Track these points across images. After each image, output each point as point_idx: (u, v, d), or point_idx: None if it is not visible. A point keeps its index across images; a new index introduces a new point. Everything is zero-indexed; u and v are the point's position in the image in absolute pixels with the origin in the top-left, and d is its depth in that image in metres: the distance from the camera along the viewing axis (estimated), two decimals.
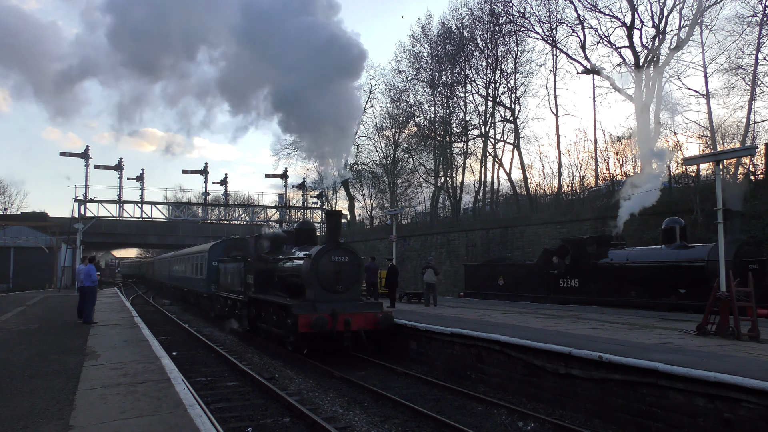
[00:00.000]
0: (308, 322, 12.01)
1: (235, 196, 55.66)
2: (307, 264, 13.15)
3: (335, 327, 12.25)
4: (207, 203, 42.42)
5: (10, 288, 45.17)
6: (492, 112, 38.61)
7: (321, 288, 13.01)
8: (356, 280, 13.70)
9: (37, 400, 6.78)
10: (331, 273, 13.06)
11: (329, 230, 13.82)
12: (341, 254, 13.31)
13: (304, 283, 13.43)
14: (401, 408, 8.91)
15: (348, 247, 13.84)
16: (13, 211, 63.38)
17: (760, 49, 25.61)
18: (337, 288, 13.13)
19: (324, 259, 13.08)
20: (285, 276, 15.08)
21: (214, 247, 23.96)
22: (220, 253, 22.71)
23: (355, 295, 13.69)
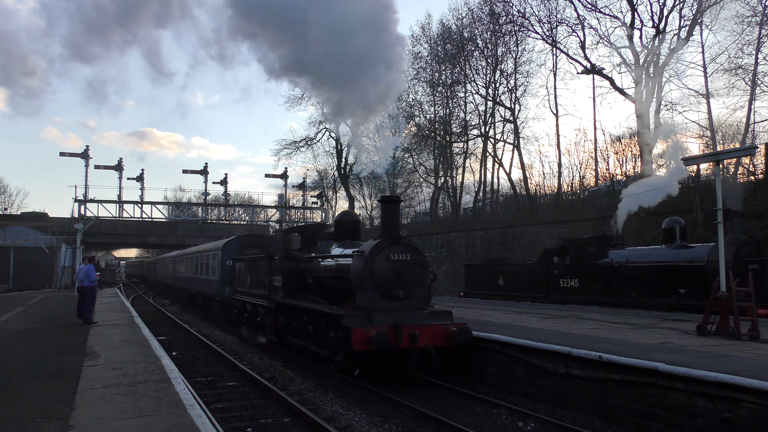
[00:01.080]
0: (365, 338, 9.46)
1: (235, 196, 55.73)
2: (359, 263, 10.59)
3: (398, 343, 9.70)
4: (207, 203, 42.42)
5: (10, 288, 45.15)
6: (492, 112, 38.64)
7: (377, 293, 10.44)
8: (419, 282, 10.90)
9: (37, 400, 6.78)
10: (390, 275, 10.47)
11: (385, 221, 11.16)
12: (401, 251, 10.67)
13: (354, 288, 10.84)
14: (401, 408, 8.91)
15: (409, 242, 11.12)
16: (13, 211, 63.44)
17: (760, 49, 25.63)
18: (396, 293, 10.53)
19: (380, 258, 10.47)
20: (323, 278, 12.59)
21: (228, 244, 21.34)
22: (235, 251, 20.44)
23: (418, 302, 10.91)
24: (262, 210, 46.46)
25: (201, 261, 25.10)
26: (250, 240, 21.53)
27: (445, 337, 10.18)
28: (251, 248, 19.95)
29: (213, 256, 22.50)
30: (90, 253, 43.10)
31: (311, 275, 13.01)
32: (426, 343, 10.11)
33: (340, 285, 11.73)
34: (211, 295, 22.78)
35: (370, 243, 10.77)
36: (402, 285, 10.59)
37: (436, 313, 10.78)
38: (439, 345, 10.28)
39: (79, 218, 36.02)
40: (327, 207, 48.11)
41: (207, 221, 44.70)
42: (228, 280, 19.66)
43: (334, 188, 51.42)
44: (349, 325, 9.70)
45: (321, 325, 11.15)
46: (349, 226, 13.14)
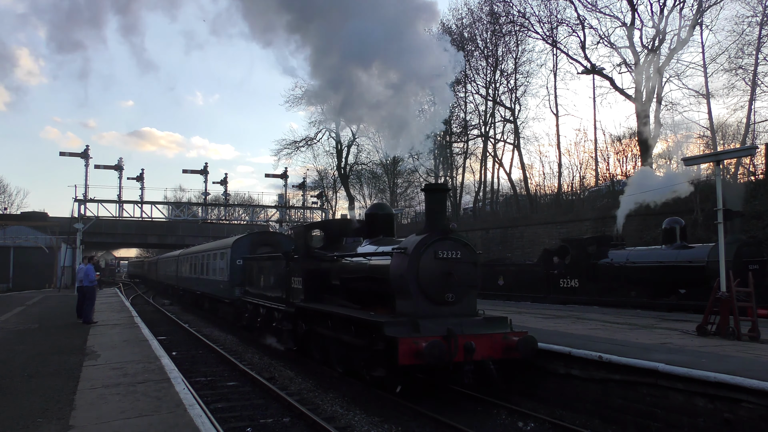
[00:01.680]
0: (414, 350, 8.04)
1: (235, 196, 55.74)
2: (401, 263, 9.11)
3: (452, 356, 8.25)
4: (207, 203, 42.44)
5: (10, 288, 45.16)
6: (492, 112, 38.66)
7: (423, 297, 8.95)
8: (472, 284, 9.48)
9: (37, 400, 6.78)
10: (438, 275, 8.97)
11: (431, 213, 9.61)
12: (451, 247, 9.16)
13: (394, 291, 9.35)
14: (401, 408, 8.90)
15: (460, 236, 9.49)
16: (13, 210, 63.47)
17: (760, 49, 25.63)
18: (445, 297, 9.02)
19: (427, 256, 8.97)
20: (352, 279, 11.13)
21: (238, 242, 19.76)
22: (245, 250, 18.90)
23: (471, 308, 9.47)
24: (262, 210, 46.51)
25: (208, 260, 23.57)
26: (261, 237, 20.00)
27: (505, 348, 8.72)
28: (263, 246, 18.55)
29: (221, 255, 20.93)
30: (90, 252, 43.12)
31: (337, 276, 11.57)
32: (483, 356, 8.61)
33: (374, 287, 10.35)
34: (219, 297, 21.26)
35: (413, 239, 9.27)
36: (452, 287, 9.08)
37: (489, 319, 9.32)
38: (497, 358, 8.81)
39: (79, 218, 36.04)
40: (327, 207, 48.13)
41: (207, 221, 44.70)
42: (238, 281, 18.37)
43: (334, 188, 51.46)
44: (394, 335, 8.19)
45: (352, 334, 9.71)
46: (383, 221, 11.49)
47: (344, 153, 47.27)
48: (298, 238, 13.12)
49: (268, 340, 14.64)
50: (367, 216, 11.75)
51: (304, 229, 12.97)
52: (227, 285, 19.57)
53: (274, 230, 17.44)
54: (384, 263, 9.68)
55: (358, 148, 48.44)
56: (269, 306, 14.40)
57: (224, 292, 20.07)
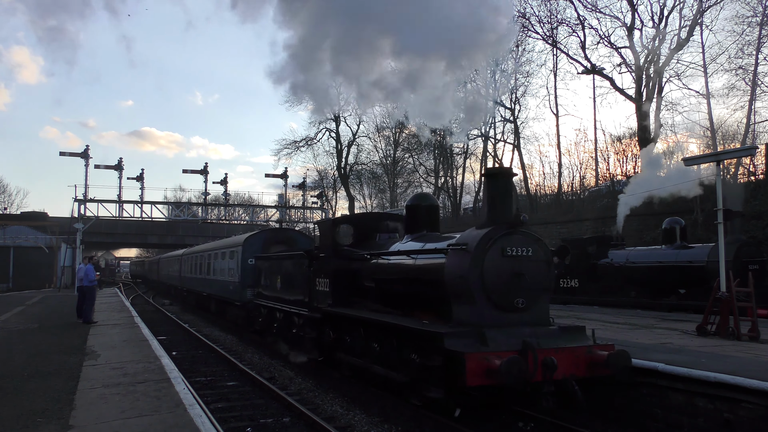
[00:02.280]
0: (485, 368, 6.66)
1: (235, 196, 55.80)
2: (461, 261, 7.70)
3: (532, 375, 6.85)
4: (207, 203, 42.46)
5: (10, 288, 45.16)
6: (492, 112, 38.64)
7: (488, 303, 7.54)
8: (545, 287, 8.06)
9: (37, 400, 6.78)
10: (506, 276, 7.58)
11: (494, 202, 8.09)
12: (521, 243, 7.75)
13: (451, 295, 7.91)
14: (401, 408, 8.90)
15: (530, 231, 8.08)
16: (12, 210, 63.47)
17: (760, 50, 25.65)
18: (515, 303, 7.60)
19: (493, 253, 7.56)
20: (391, 281, 9.71)
21: (250, 240, 18.25)
22: (258, 248, 17.51)
23: (543, 315, 8.05)
24: (262, 210, 46.57)
25: (215, 259, 22.15)
26: (274, 235, 18.59)
27: (590, 364, 7.27)
28: (276, 245, 17.30)
29: (231, 254, 19.49)
30: (90, 252, 43.15)
31: (371, 277, 10.17)
32: (564, 374, 7.07)
33: (421, 291, 8.94)
34: (228, 299, 19.68)
35: (473, 233, 7.87)
36: (522, 291, 7.64)
37: (566, 329, 7.89)
38: (580, 375, 7.25)
39: (79, 218, 36.06)
40: (327, 207, 48.16)
41: (207, 221, 44.74)
42: (250, 282, 16.93)
43: (334, 188, 51.48)
44: (460, 350, 6.77)
45: (395, 346, 8.40)
46: (427, 214, 10.02)
47: (344, 153, 47.30)
48: (324, 234, 11.53)
49: (287, 348, 13.08)
50: (408, 208, 10.20)
51: (331, 223, 11.42)
52: (238, 286, 18.10)
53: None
54: (436, 263, 8.24)
55: (358, 148, 48.50)
56: (287, 310, 12.97)
57: (234, 294, 18.65)
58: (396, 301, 9.60)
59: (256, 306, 15.90)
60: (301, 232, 20.52)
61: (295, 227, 35.63)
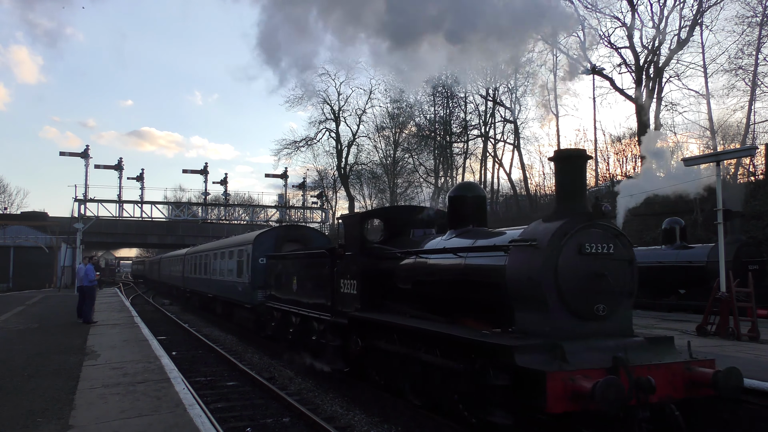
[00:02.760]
0: (571, 390, 5.49)
1: (235, 196, 55.82)
2: (531, 260, 6.45)
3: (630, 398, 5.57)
4: (207, 203, 42.48)
5: (10, 287, 45.17)
6: (492, 112, 38.68)
7: (563, 309, 6.29)
8: (629, 291, 6.89)
9: (37, 400, 6.78)
10: (585, 278, 6.35)
11: (566, 190, 6.87)
12: (601, 238, 6.52)
13: (513, 299, 6.67)
14: (401, 408, 8.90)
15: (610, 224, 6.83)
16: (13, 210, 63.50)
17: (760, 50, 25.66)
18: (595, 310, 6.38)
19: (569, 250, 6.34)
20: (435, 283, 8.39)
21: (261, 238, 16.98)
22: (269, 246, 16.39)
23: (626, 325, 6.86)
24: (262, 210, 46.59)
25: (222, 259, 20.92)
26: (287, 232, 17.36)
27: (689, 383, 5.99)
28: (289, 243, 16.22)
29: (240, 253, 18.29)
30: (90, 252, 43.17)
31: (408, 278, 9.00)
32: (662, 396, 5.84)
33: (473, 295, 7.62)
34: (236, 301, 18.52)
35: (542, 227, 6.65)
36: (604, 295, 6.39)
37: (654, 341, 6.67)
38: (678, 397, 6.01)
39: (79, 218, 36.07)
40: (327, 207, 48.18)
41: (207, 221, 44.77)
42: (261, 283, 15.71)
43: (334, 188, 51.48)
44: (539, 368, 5.57)
45: (442, 357, 7.28)
46: (473, 206, 8.72)
47: (344, 153, 47.31)
48: (351, 230, 10.14)
49: (306, 357, 11.69)
50: (452, 200, 8.90)
51: (359, 218, 10.16)
52: (247, 287, 16.84)
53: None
54: (494, 262, 7.09)
55: (358, 148, 48.51)
56: (305, 314, 11.79)
57: (243, 296, 17.42)
58: (439, 306, 8.35)
59: (268, 309, 14.65)
60: (315, 229, 19.10)
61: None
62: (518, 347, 5.89)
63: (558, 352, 5.83)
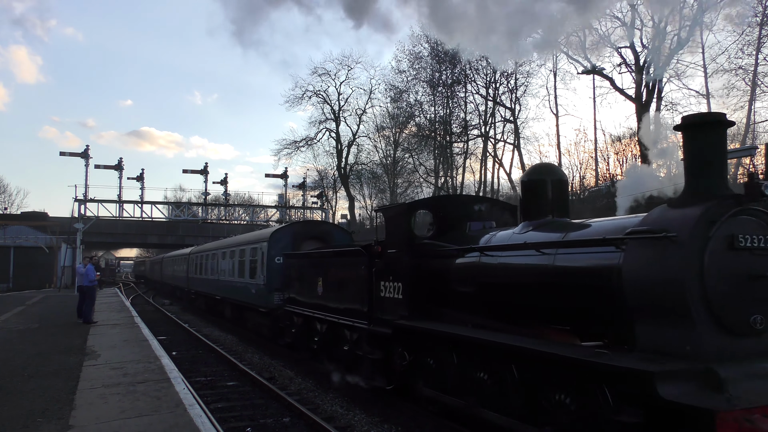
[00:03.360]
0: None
1: (235, 196, 55.84)
2: (667, 258, 4.84)
3: None
4: (207, 203, 42.50)
5: (10, 288, 45.18)
6: (492, 112, 38.70)
7: (711, 322, 4.71)
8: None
9: (37, 400, 6.79)
10: (737, 281, 4.80)
11: (698, 165, 5.09)
12: (758, 228, 4.93)
13: (634, 308, 5.12)
14: (401, 408, 8.90)
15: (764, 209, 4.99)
16: (13, 210, 63.52)
17: (760, 50, 25.66)
18: (752, 323, 4.79)
19: (716, 243, 4.75)
20: (512, 286, 6.87)
21: (278, 235, 15.44)
22: (287, 244, 14.99)
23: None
24: (262, 210, 46.61)
25: (233, 258, 19.11)
26: (306, 229, 15.81)
27: None
28: (309, 240, 14.90)
29: (253, 252, 16.62)
30: (90, 252, 43.19)
31: (468, 281, 7.46)
32: None
33: (567, 302, 6.00)
34: (249, 304, 16.79)
35: (673, 213, 5.02)
36: (762, 304, 4.87)
37: None
38: None
39: (79, 218, 36.09)
40: (327, 207, 48.20)
41: (207, 221, 44.80)
42: (278, 285, 14.28)
43: (334, 188, 51.49)
44: (702, 405, 4.13)
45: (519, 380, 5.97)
46: (555, 192, 7.13)
47: (344, 153, 47.31)
48: (395, 223, 8.79)
49: (337, 369, 10.19)
50: (527, 185, 7.47)
51: (406, 209, 8.77)
52: (263, 290, 15.20)
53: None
54: (601, 261, 5.59)
55: (358, 148, 48.52)
56: (334, 321, 10.28)
57: (258, 299, 15.72)
58: (513, 314, 6.80)
59: (287, 314, 13.14)
60: (337, 225, 18.04)
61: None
62: (660, 373, 4.31)
63: (713, 380, 4.30)
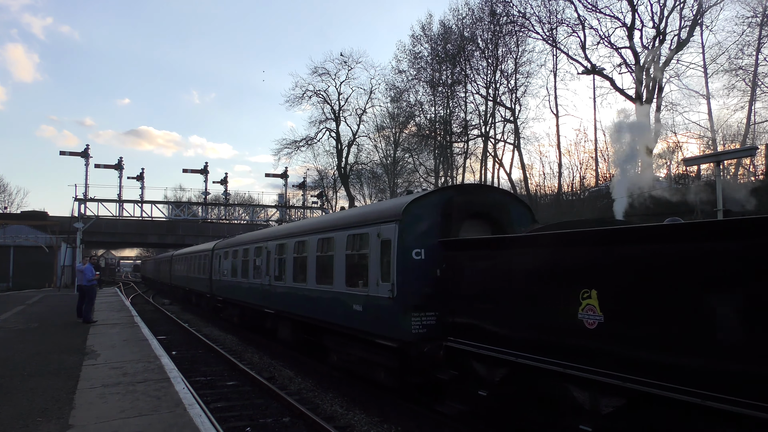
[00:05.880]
0: None
1: (235, 196, 55.82)
2: None
3: None
4: (207, 203, 42.50)
5: (10, 287, 45.17)
6: (492, 112, 38.68)
7: None
8: None
9: (37, 399, 6.78)
10: None
11: None
12: None
13: None
14: (401, 408, 8.90)
15: None
16: (12, 210, 63.51)
17: (760, 50, 25.66)
18: None
19: None
20: None
21: (416, 210, 8.88)
22: (433, 223, 8.81)
23: None
24: (262, 209, 46.60)
25: (310, 251, 12.13)
26: (467, 198, 9.21)
27: None
28: (472, 219, 9.10)
29: (362, 241, 9.89)
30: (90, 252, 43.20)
31: None
32: None
33: None
34: (347, 330, 10.11)
35: None
36: None
37: None
38: None
39: (78, 217, 36.08)
40: (327, 207, 48.18)
41: (207, 221, 44.79)
42: (419, 299, 8.47)
43: (334, 188, 51.48)
44: None
45: None
46: None
47: (344, 153, 47.30)
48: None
49: None
50: None
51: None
52: (388, 308, 8.79)
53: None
54: None
55: (358, 147, 48.51)
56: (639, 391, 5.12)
57: (376, 324, 9.12)
58: None
59: (451, 355, 7.86)
60: (513, 195, 10.98)
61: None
62: None
63: None
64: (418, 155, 44.94)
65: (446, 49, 40.71)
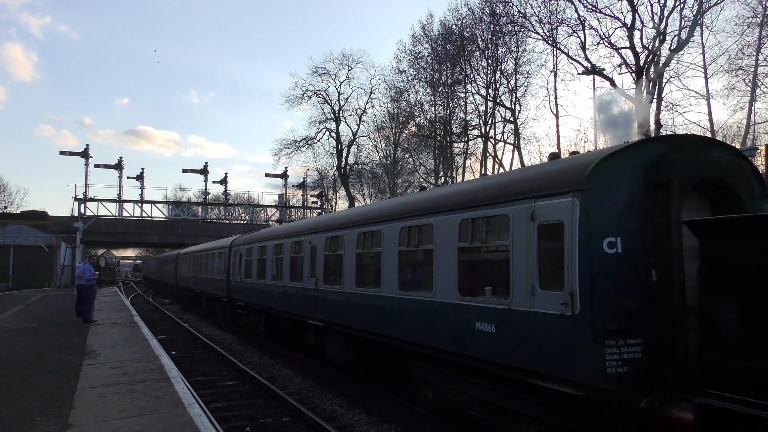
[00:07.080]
0: None
1: (234, 196, 55.83)
2: None
3: None
4: (207, 203, 42.51)
5: (10, 287, 45.17)
6: (492, 112, 38.69)
7: None
8: None
9: (37, 399, 6.78)
10: None
11: None
12: None
13: None
14: (401, 408, 8.90)
15: None
16: (12, 209, 63.51)
17: (760, 50, 25.67)
18: None
19: None
20: None
21: (606, 175, 5.58)
22: (634, 198, 5.59)
23: None
24: (262, 209, 46.59)
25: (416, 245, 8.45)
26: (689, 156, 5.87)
27: None
28: (695, 189, 5.80)
29: (499, 225, 6.68)
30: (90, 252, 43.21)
31: None
32: None
33: None
34: (511, 368, 6.27)
35: None
36: None
37: None
38: None
39: (78, 217, 36.09)
40: (327, 207, 48.18)
41: (207, 221, 44.79)
42: (628, 316, 5.41)
43: (334, 188, 51.49)
44: None
45: None
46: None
47: (344, 153, 47.30)
48: None
49: None
50: None
51: None
52: (559, 330, 5.66)
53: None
54: None
55: (358, 148, 48.51)
56: None
57: (528, 355, 6.01)
58: None
59: (712, 423, 4.37)
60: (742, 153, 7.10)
61: None
62: None
63: None
64: (418, 155, 44.95)
65: (446, 49, 40.73)
